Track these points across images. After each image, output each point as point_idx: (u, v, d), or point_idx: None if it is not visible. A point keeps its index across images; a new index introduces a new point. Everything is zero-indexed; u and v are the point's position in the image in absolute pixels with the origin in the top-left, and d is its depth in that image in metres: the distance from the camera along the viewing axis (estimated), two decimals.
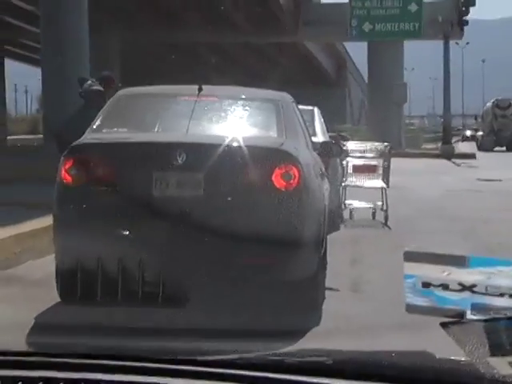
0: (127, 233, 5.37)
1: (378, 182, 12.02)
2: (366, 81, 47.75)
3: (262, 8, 38.25)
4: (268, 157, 5.62)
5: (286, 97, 6.79)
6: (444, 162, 30.31)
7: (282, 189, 5.59)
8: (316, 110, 11.98)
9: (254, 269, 5.45)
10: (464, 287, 1.75)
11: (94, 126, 6.16)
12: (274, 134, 6.15)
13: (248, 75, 44.00)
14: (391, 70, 39.98)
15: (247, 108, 6.41)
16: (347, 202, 12.02)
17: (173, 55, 45.38)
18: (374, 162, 12.08)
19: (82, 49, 23.14)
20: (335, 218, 10.58)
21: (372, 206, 12.01)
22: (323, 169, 7.28)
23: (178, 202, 5.50)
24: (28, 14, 35.54)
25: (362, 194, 12.35)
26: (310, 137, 7.37)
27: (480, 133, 46.77)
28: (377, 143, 12.84)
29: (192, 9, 39.12)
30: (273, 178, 5.57)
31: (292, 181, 5.60)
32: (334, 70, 61.88)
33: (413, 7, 39.06)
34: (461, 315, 1.71)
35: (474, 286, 1.75)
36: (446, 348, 1.69)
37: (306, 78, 57.48)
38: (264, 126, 6.32)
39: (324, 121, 12.16)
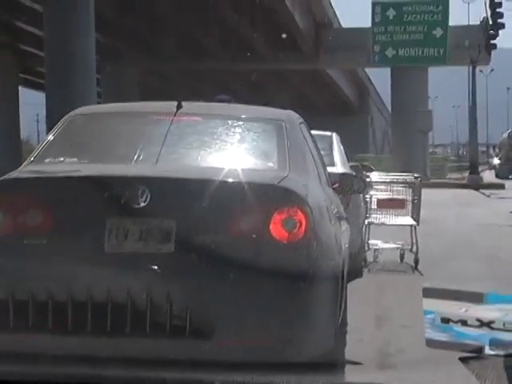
0: (65, 312, 3.88)
1: (407, 219, 10.53)
2: (389, 108, 46.71)
3: (282, 35, 37.43)
4: (264, 197, 4.10)
5: (291, 116, 5.21)
6: (472, 192, 29.20)
7: (283, 241, 4.06)
8: (335, 135, 10.47)
9: (246, 352, 3.93)
10: (482, 323, 1.88)
11: (34, 156, 4.66)
12: (273, 165, 4.60)
13: (268, 102, 42.88)
14: (415, 97, 39.11)
15: (239, 130, 4.84)
16: (371, 242, 10.51)
17: (193, 83, 44.63)
18: (401, 196, 10.56)
19: (89, 78, 21.99)
20: (357, 261, 9.08)
21: (400, 246, 10.48)
22: (342, 209, 5.72)
23: (139, 263, 3.99)
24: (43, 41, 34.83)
25: (385, 231, 10.87)
26: (325, 168, 5.83)
27: (497, 161, 48.90)
28: (404, 174, 11.34)
29: (212, 36, 38.43)
30: (270, 226, 4.05)
31: (297, 230, 4.08)
32: (356, 98, 60.80)
33: (438, 32, 37.99)
34: (479, 350, 1.83)
35: (492, 322, 1.87)
36: (465, 382, 1.85)
37: (326, 106, 56.54)
38: (260, 155, 4.74)
39: (345, 149, 10.67)
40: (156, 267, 3.97)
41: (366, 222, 10.52)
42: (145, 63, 41.27)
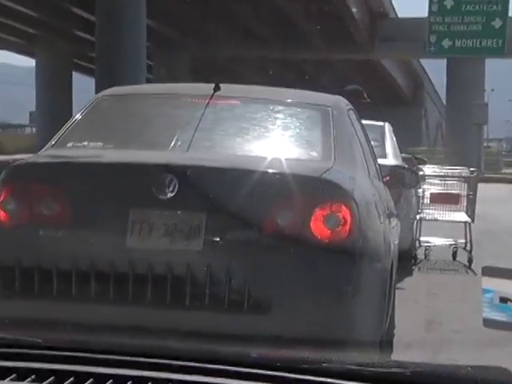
0: (86, 307, 3.49)
1: (461, 215, 10.02)
2: (444, 101, 45.85)
3: (336, 24, 36.85)
4: (305, 190, 3.66)
5: (339, 102, 4.72)
6: None
7: (324, 240, 3.63)
8: (387, 125, 9.97)
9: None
10: None
11: (56, 139, 4.26)
12: (317, 154, 4.14)
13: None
14: (471, 90, 38.22)
15: (281, 116, 4.39)
16: (422, 238, 10.01)
17: (245, 72, 44.26)
18: (456, 191, 10.03)
19: (139, 65, 21.78)
20: (407, 259, 8.62)
21: (453, 244, 9.97)
22: (392, 205, 5.26)
23: (165, 260, 3.59)
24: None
25: (437, 228, 10.35)
26: (375, 160, 5.37)
27: None
28: (459, 168, 10.80)
29: (264, 23, 38.01)
30: (311, 223, 3.61)
31: (340, 228, 3.63)
32: (410, 89, 59.89)
33: (497, 23, 37.04)
34: None
35: None
36: None
37: (379, 97, 55.68)
38: (303, 144, 4.28)
39: (397, 141, 10.18)
40: (182, 268, 3.57)
41: (418, 217, 10.05)
42: (196, 50, 40.99)
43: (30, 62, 51.17)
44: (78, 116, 4.44)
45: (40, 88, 44.88)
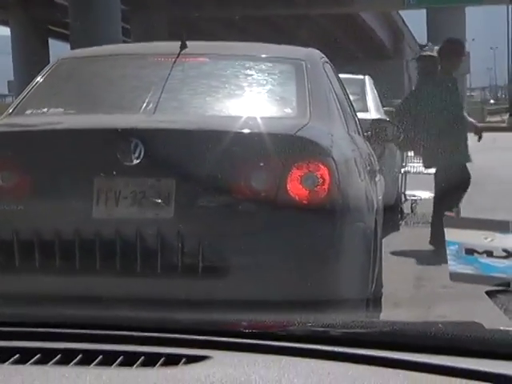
0: (47, 283, 3.29)
1: None
2: None
3: None
4: (280, 149, 3.45)
5: (313, 55, 4.49)
6: None
7: (302, 201, 3.43)
8: (367, 78, 9.76)
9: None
10: (509, 254, 1.74)
11: (14, 107, 4.02)
12: (291, 111, 3.92)
13: None
14: None
15: (252, 72, 4.15)
16: (408, 192, 9.84)
17: (223, 31, 43.87)
18: None
19: (114, 28, 21.47)
20: (393, 214, 8.45)
21: None
22: (374, 160, 5.05)
23: (133, 231, 3.38)
24: None
25: (423, 181, 10.20)
26: (354, 115, 5.15)
27: None
28: None
29: None
30: (287, 184, 3.41)
31: (319, 187, 3.43)
32: (391, 42, 59.54)
33: None
34: (507, 284, 1.70)
35: None
36: (493, 318, 1.67)
37: (360, 51, 55.47)
38: (276, 100, 4.06)
39: (379, 95, 9.98)
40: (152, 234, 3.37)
41: (403, 171, 9.87)
42: (174, 11, 40.53)
43: (4, 31, 50.65)
44: (37, 81, 4.20)
45: (16, 56, 44.37)
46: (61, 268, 3.39)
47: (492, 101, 66.38)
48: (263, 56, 4.33)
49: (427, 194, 10.01)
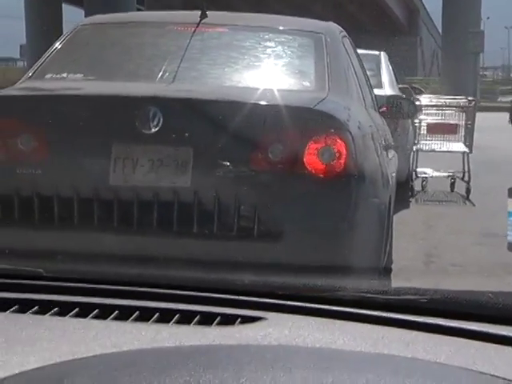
0: (67, 249, 3.31)
1: (459, 146, 9.81)
2: (440, 29, 45.30)
3: None
4: (297, 122, 3.44)
5: (333, 29, 4.47)
6: None
7: (319, 175, 3.43)
8: (383, 54, 9.70)
9: None
10: None
11: (33, 71, 4.02)
12: (309, 84, 3.91)
13: None
14: (467, 18, 37.74)
15: (271, 44, 4.13)
16: (419, 170, 9.82)
17: (238, 3, 43.58)
18: (454, 121, 9.81)
19: None
20: (404, 191, 8.45)
21: (451, 175, 9.78)
22: (389, 136, 5.05)
23: (151, 198, 3.40)
24: None
25: (435, 159, 10.16)
26: (371, 90, 5.14)
27: None
28: (458, 97, 10.56)
29: None
30: (305, 157, 3.41)
31: (336, 161, 3.43)
32: (405, 17, 59.11)
33: None
34: None
35: None
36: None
37: (374, 25, 55.04)
38: (295, 73, 4.04)
39: (393, 71, 9.92)
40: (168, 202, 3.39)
41: (415, 148, 9.83)
42: None
43: None
44: (56, 46, 4.19)
45: (29, 20, 44.17)
46: (82, 228, 3.42)
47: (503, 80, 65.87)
48: (283, 28, 4.30)
49: (438, 172, 10.01)
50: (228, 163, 3.42)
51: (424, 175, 9.87)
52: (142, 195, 3.41)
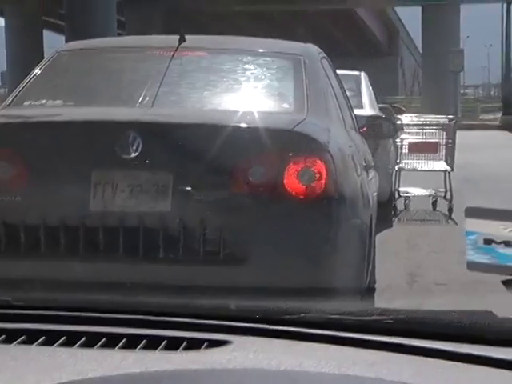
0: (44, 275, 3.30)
1: (441, 164, 9.84)
2: (420, 49, 45.62)
3: None
4: (276, 144, 3.46)
5: (311, 50, 4.50)
6: (506, 134, 28.20)
7: (299, 196, 3.44)
8: (363, 75, 9.76)
9: None
10: None
11: (12, 98, 4.03)
12: (288, 106, 3.93)
13: None
14: (447, 37, 38.01)
15: (250, 67, 4.15)
16: (401, 189, 9.85)
17: (218, 26, 43.79)
18: (434, 139, 9.86)
19: (109, 20, 21.44)
20: (386, 210, 8.47)
21: (433, 193, 9.82)
22: (370, 157, 5.06)
23: (131, 223, 3.39)
24: None
25: (416, 178, 10.20)
26: (351, 111, 5.16)
27: None
28: (438, 116, 10.62)
29: None
30: (285, 179, 3.42)
31: (316, 182, 3.44)
32: (386, 38, 59.54)
33: None
34: None
35: None
36: (508, 307, 1.74)
37: (355, 47, 55.42)
38: (274, 95, 4.07)
39: (374, 91, 9.97)
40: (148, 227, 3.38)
41: (396, 167, 9.87)
42: (170, 4, 40.42)
43: None
44: (35, 72, 4.20)
45: (10, 48, 44.16)
46: (61, 255, 3.40)
47: (484, 98, 66.26)
48: (261, 51, 4.33)
49: (420, 191, 10.04)
50: (208, 187, 3.42)
51: (406, 194, 9.90)
52: (123, 221, 3.41)
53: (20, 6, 41.93)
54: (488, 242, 1.82)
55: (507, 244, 1.80)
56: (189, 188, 3.42)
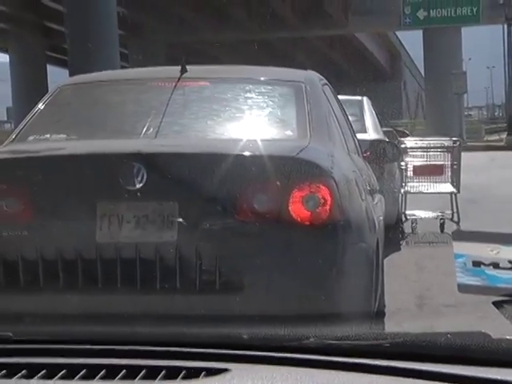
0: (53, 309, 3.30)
1: (447, 186, 9.85)
2: (422, 72, 45.76)
3: (309, 0, 36.63)
4: (281, 172, 3.47)
5: (312, 77, 4.53)
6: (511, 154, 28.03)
7: (304, 222, 3.44)
8: (365, 99, 9.78)
9: None
10: None
11: (16, 133, 4.06)
12: (291, 133, 3.95)
13: None
14: (449, 59, 38.14)
15: (252, 95, 4.18)
16: (408, 212, 9.84)
17: (220, 55, 44.04)
18: (440, 162, 9.87)
19: (112, 53, 21.54)
20: (394, 234, 8.46)
21: (440, 215, 9.80)
22: (374, 180, 5.07)
23: (138, 254, 3.40)
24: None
25: (423, 200, 10.19)
26: (354, 135, 5.18)
27: None
28: (442, 138, 10.65)
29: (238, 5, 37.76)
30: (290, 205, 3.43)
31: (321, 208, 3.45)
32: (388, 63, 59.79)
33: None
34: None
35: None
36: (500, 327, 1.71)
37: (357, 73, 55.60)
38: (276, 123, 4.09)
39: (377, 115, 9.99)
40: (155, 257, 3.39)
41: (402, 191, 9.87)
42: (171, 35, 40.68)
43: (3, 58, 51.01)
44: (38, 107, 4.23)
45: (15, 83, 44.49)
46: (67, 289, 3.40)
47: (487, 119, 66.29)
48: (263, 79, 4.36)
49: (427, 214, 10.04)
50: (214, 215, 3.43)
51: (413, 217, 9.89)
52: (130, 251, 3.41)
53: (24, 41, 42.28)
54: (477, 264, 1.86)
55: (495, 266, 1.83)
56: (195, 217, 3.43)
